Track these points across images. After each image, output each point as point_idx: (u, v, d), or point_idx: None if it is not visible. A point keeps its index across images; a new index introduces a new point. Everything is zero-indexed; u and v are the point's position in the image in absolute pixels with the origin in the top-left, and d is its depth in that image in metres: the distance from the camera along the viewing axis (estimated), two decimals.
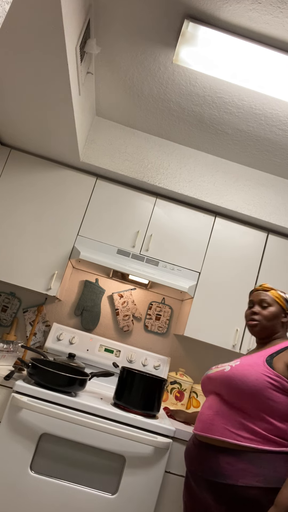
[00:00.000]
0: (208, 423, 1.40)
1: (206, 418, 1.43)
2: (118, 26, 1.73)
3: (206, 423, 1.41)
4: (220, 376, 1.44)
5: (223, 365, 1.54)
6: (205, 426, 1.41)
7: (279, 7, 1.45)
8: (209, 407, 1.45)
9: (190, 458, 1.45)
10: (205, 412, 1.46)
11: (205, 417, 1.43)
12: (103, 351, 2.52)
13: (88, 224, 2.46)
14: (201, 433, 1.42)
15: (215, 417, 1.39)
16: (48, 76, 1.68)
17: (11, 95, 1.91)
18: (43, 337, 2.63)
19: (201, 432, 1.42)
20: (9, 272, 2.35)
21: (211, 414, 1.42)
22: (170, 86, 2.04)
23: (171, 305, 2.77)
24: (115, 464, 1.77)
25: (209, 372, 1.57)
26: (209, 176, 2.53)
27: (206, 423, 1.41)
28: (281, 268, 2.53)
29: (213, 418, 1.40)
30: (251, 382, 1.34)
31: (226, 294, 2.45)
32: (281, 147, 2.27)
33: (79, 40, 1.62)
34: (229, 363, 1.51)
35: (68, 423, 1.77)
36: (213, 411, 1.41)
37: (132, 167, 2.47)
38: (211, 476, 1.33)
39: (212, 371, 1.55)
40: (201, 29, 1.59)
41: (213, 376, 1.49)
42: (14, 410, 1.76)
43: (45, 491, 1.71)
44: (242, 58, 1.66)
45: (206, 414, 1.44)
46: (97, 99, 2.33)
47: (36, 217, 2.44)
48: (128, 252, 2.42)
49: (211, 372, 1.54)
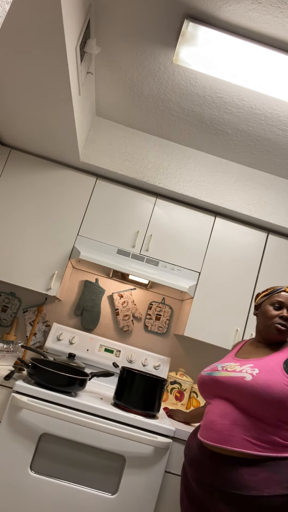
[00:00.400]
0: (226, 434, 1.32)
1: (222, 428, 1.33)
2: (118, 26, 1.73)
3: (223, 434, 1.32)
4: (239, 383, 1.35)
5: (232, 368, 1.44)
6: (222, 437, 1.32)
7: (279, 7, 1.45)
8: (223, 415, 1.36)
9: (199, 468, 1.37)
10: (218, 421, 1.36)
11: (220, 427, 1.34)
12: (103, 351, 2.52)
13: (88, 224, 2.46)
14: (217, 444, 1.33)
15: (233, 428, 1.31)
16: (48, 76, 1.68)
17: (11, 95, 1.91)
18: (43, 337, 2.63)
19: (217, 444, 1.33)
20: (9, 272, 2.35)
21: (227, 424, 1.33)
22: (170, 86, 2.04)
23: (171, 305, 2.77)
24: (115, 464, 1.77)
25: (214, 374, 1.47)
26: (209, 176, 2.53)
27: (223, 434, 1.32)
28: (281, 268, 2.53)
29: (231, 429, 1.32)
30: (276, 394, 1.29)
31: (226, 294, 2.45)
32: (281, 147, 2.27)
33: (79, 40, 1.62)
34: (244, 370, 1.40)
35: (68, 423, 1.77)
36: (230, 421, 1.33)
37: (132, 167, 2.47)
38: (234, 489, 1.26)
39: (220, 373, 1.44)
40: (201, 29, 1.59)
41: (226, 381, 1.39)
42: (14, 410, 1.76)
43: (45, 491, 1.71)
44: (242, 58, 1.66)
45: (221, 424, 1.34)
46: (97, 99, 2.33)
47: (36, 217, 2.44)
48: (128, 252, 2.42)
49: (219, 375, 1.44)
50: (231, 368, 1.44)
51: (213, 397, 1.45)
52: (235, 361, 1.50)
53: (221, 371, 1.46)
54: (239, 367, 1.43)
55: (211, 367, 1.54)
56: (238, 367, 1.44)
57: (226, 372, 1.44)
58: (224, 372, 1.44)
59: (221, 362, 1.56)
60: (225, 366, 1.48)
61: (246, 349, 1.60)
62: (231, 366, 1.47)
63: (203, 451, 1.38)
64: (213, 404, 1.44)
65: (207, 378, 1.49)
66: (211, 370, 1.52)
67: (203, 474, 1.35)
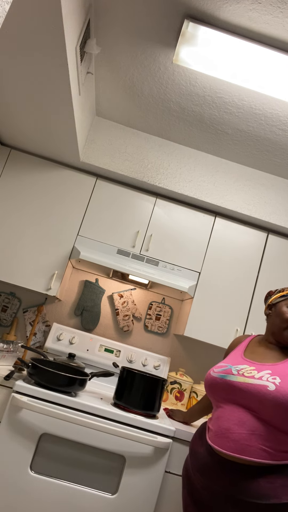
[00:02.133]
0: (243, 443, 1.26)
1: (239, 438, 1.27)
2: (118, 26, 1.73)
3: (239, 444, 1.26)
4: (260, 392, 1.28)
5: (249, 372, 1.36)
6: (238, 447, 1.26)
7: (279, 7, 1.45)
8: (240, 423, 1.29)
9: (210, 475, 1.31)
10: (235, 429, 1.29)
11: (238, 436, 1.27)
12: (103, 351, 2.52)
13: (88, 224, 2.46)
14: (234, 454, 1.27)
15: (252, 438, 1.26)
16: (48, 76, 1.68)
17: (11, 95, 1.91)
18: (43, 337, 2.63)
19: (234, 453, 1.26)
20: (9, 272, 2.35)
21: (245, 433, 1.27)
22: (170, 86, 2.04)
23: (171, 305, 2.77)
24: (115, 464, 1.77)
25: (229, 378, 1.37)
26: (209, 176, 2.53)
27: (240, 444, 1.26)
28: (281, 268, 2.53)
29: (249, 439, 1.26)
30: None
31: (226, 294, 2.45)
32: (281, 147, 2.27)
33: (79, 40, 1.62)
34: (263, 376, 1.33)
35: (68, 423, 1.77)
36: (248, 430, 1.27)
37: (132, 167, 2.47)
38: (251, 498, 1.22)
39: (237, 378, 1.36)
40: (201, 29, 1.59)
41: (244, 389, 1.31)
42: (14, 410, 1.76)
43: (45, 491, 1.71)
44: (242, 58, 1.66)
45: (239, 433, 1.28)
46: (97, 99, 2.33)
47: (36, 217, 2.44)
48: (128, 252, 2.42)
49: (235, 380, 1.35)
50: (248, 373, 1.35)
51: (225, 401, 1.37)
52: (249, 364, 1.41)
53: (236, 375, 1.36)
54: (256, 373, 1.35)
55: (222, 368, 1.43)
56: (256, 372, 1.35)
57: (243, 377, 1.34)
58: (241, 377, 1.35)
59: (232, 363, 1.45)
60: (241, 370, 1.38)
61: (255, 349, 1.50)
62: (247, 370, 1.37)
63: (215, 459, 1.32)
64: (226, 410, 1.35)
65: (219, 380, 1.39)
66: (223, 372, 1.41)
67: (215, 482, 1.29)
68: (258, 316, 2.44)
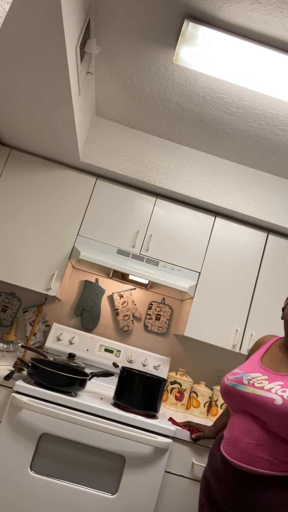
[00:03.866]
0: (249, 453, 1.27)
1: (246, 447, 1.28)
2: (118, 26, 1.73)
3: (246, 453, 1.27)
4: (267, 405, 1.27)
5: (260, 383, 1.35)
6: (245, 457, 1.27)
7: (279, 7, 1.45)
8: (248, 433, 1.30)
9: (222, 481, 1.33)
10: (243, 438, 1.30)
11: (245, 446, 1.28)
12: (103, 351, 2.52)
13: (88, 224, 2.46)
14: (240, 463, 1.28)
15: (258, 448, 1.26)
16: (48, 76, 1.68)
17: (11, 95, 1.91)
18: (43, 337, 2.63)
19: (241, 463, 1.28)
20: (9, 272, 2.35)
21: (252, 443, 1.28)
22: (170, 86, 2.04)
23: (171, 305, 2.77)
24: (115, 464, 1.77)
25: (240, 387, 1.37)
26: (209, 176, 2.53)
27: (247, 453, 1.27)
28: (281, 268, 2.53)
29: (255, 449, 1.26)
30: None
31: (226, 294, 2.45)
32: (281, 147, 2.27)
33: (79, 40, 1.62)
34: (273, 388, 1.31)
35: (68, 423, 1.77)
36: (255, 440, 1.27)
37: (132, 167, 2.47)
38: (260, 507, 1.24)
39: (247, 389, 1.35)
40: (201, 29, 1.59)
41: (253, 400, 1.31)
42: (14, 410, 1.76)
43: (45, 491, 1.71)
44: (242, 58, 1.66)
45: (246, 443, 1.29)
46: (97, 99, 2.33)
47: (36, 217, 2.44)
48: (128, 252, 2.42)
49: (245, 390, 1.35)
50: (258, 384, 1.34)
51: (237, 409, 1.37)
52: (263, 372, 1.39)
53: (247, 385, 1.36)
54: (267, 383, 1.33)
55: (235, 376, 1.43)
56: (267, 383, 1.34)
57: (252, 388, 1.34)
58: (250, 387, 1.34)
59: (246, 370, 1.44)
60: (252, 380, 1.37)
61: (275, 355, 1.47)
62: (258, 380, 1.36)
63: (226, 466, 1.33)
64: (237, 418, 1.36)
65: (231, 389, 1.39)
66: (235, 380, 1.41)
67: (227, 489, 1.31)
68: (258, 316, 2.44)
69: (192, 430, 1.85)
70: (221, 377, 2.69)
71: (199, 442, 1.85)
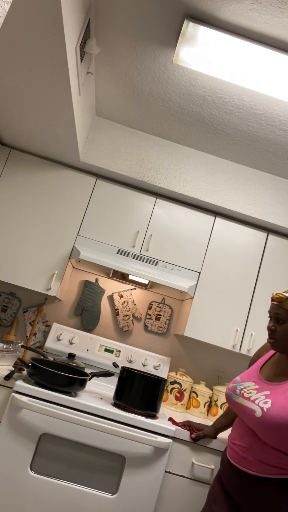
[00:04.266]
0: (241, 455, 1.36)
1: (238, 449, 1.38)
2: (118, 26, 1.73)
3: (239, 455, 1.37)
4: (249, 417, 1.35)
5: (249, 393, 1.41)
6: (238, 458, 1.37)
7: (279, 7, 1.45)
8: (241, 437, 1.39)
9: (227, 479, 1.41)
10: (237, 441, 1.40)
11: (238, 448, 1.39)
12: (103, 351, 2.52)
13: (88, 224, 2.46)
14: (235, 463, 1.37)
15: (248, 451, 1.34)
16: (48, 76, 1.68)
17: (11, 95, 1.91)
18: (43, 337, 2.63)
19: (235, 463, 1.37)
20: (9, 272, 2.35)
21: (242, 446, 1.37)
22: (170, 86, 2.04)
23: (171, 305, 2.77)
24: (115, 464, 1.77)
25: (233, 397, 1.45)
26: (209, 176, 2.53)
27: (239, 455, 1.37)
28: (281, 268, 2.53)
29: (246, 451, 1.35)
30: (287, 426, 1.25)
31: (226, 294, 2.45)
32: (281, 147, 2.27)
33: (79, 40, 1.62)
34: (258, 399, 1.36)
35: (68, 423, 1.77)
36: (246, 444, 1.36)
37: (132, 167, 2.47)
38: (251, 505, 1.31)
39: (237, 399, 1.43)
40: (201, 29, 1.59)
41: (241, 409, 1.40)
42: (14, 410, 1.76)
43: (45, 491, 1.71)
44: (242, 58, 1.66)
45: (239, 445, 1.39)
46: (97, 99, 2.33)
47: (36, 217, 2.44)
48: (128, 252, 2.42)
49: (236, 400, 1.43)
50: (247, 394, 1.41)
51: (237, 415, 1.47)
52: (256, 381, 1.44)
53: (238, 395, 1.44)
54: (255, 393, 1.39)
55: (233, 385, 1.50)
56: (254, 393, 1.39)
57: (242, 398, 1.41)
58: (240, 398, 1.42)
59: (243, 379, 1.50)
60: (243, 389, 1.44)
61: (277, 361, 1.49)
62: (248, 390, 1.42)
63: (230, 464, 1.42)
64: (237, 421, 1.47)
65: (229, 398, 1.48)
66: (232, 390, 1.49)
67: (229, 482, 1.40)
68: (258, 316, 2.44)
69: (192, 429, 1.86)
70: (221, 377, 2.69)
71: (199, 442, 1.85)
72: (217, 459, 1.86)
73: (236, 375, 2.71)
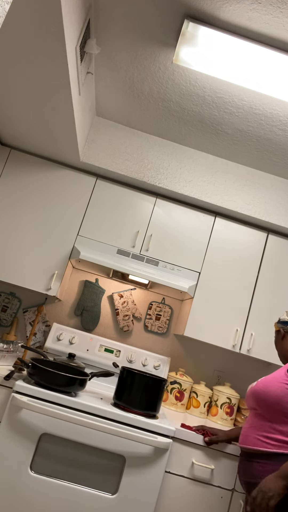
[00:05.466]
0: (244, 435, 1.60)
1: (243, 431, 1.63)
2: (118, 26, 1.73)
3: (243, 436, 1.61)
4: (250, 391, 1.63)
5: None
6: (243, 438, 1.60)
7: (279, 7, 1.45)
8: (247, 421, 1.65)
9: (239, 466, 1.64)
10: (244, 425, 1.66)
11: (243, 431, 1.63)
12: (103, 351, 2.52)
13: (88, 224, 2.46)
14: (240, 444, 1.62)
15: (250, 430, 1.58)
16: (48, 76, 1.68)
17: (11, 95, 1.91)
18: (43, 337, 2.63)
19: (240, 444, 1.61)
20: (9, 272, 2.35)
21: (246, 427, 1.62)
22: (170, 86, 2.04)
23: (171, 305, 2.77)
24: (115, 464, 1.77)
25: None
26: (209, 176, 2.53)
27: (243, 436, 1.61)
28: (281, 268, 2.53)
29: (248, 431, 1.59)
30: (274, 392, 1.52)
31: (226, 294, 2.45)
32: (281, 147, 2.27)
33: (79, 40, 1.62)
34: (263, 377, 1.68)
35: (68, 423, 1.77)
36: (248, 424, 1.61)
37: (132, 167, 2.47)
38: (245, 477, 1.53)
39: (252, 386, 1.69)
40: (201, 29, 1.59)
41: (248, 393, 1.65)
42: (14, 410, 1.76)
43: (45, 491, 1.71)
44: (242, 58, 1.66)
45: (244, 428, 1.64)
46: (97, 99, 2.33)
47: (36, 217, 2.44)
48: (128, 252, 2.42)
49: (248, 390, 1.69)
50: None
51: (249, 410, 1.70)
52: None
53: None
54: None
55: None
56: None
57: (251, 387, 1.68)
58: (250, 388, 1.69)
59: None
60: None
61: None
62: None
63: (240, 454, 1.66)
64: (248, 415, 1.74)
65: (247, 392, 1.71)
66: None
67: (239, 468, 1.64)
68: (258, 316, 2.44)
69: (206, 433, 1.85)
70: (221, 377, 2.69)
71: (214, 446, 1.85)
72: (217, 459, 1.86)
73: (236, 375, 2.71)
